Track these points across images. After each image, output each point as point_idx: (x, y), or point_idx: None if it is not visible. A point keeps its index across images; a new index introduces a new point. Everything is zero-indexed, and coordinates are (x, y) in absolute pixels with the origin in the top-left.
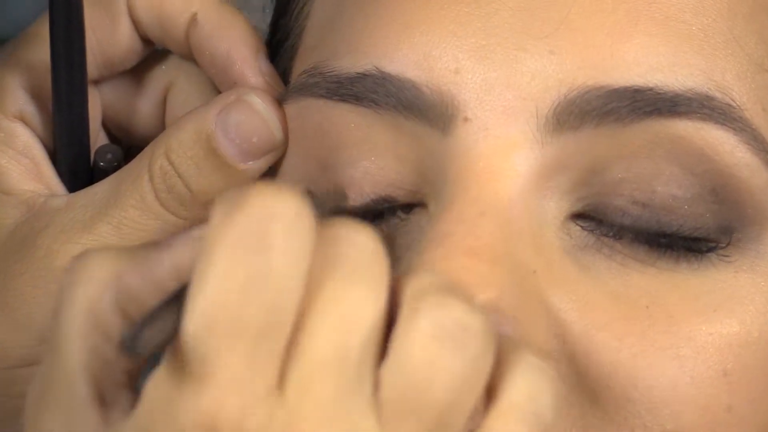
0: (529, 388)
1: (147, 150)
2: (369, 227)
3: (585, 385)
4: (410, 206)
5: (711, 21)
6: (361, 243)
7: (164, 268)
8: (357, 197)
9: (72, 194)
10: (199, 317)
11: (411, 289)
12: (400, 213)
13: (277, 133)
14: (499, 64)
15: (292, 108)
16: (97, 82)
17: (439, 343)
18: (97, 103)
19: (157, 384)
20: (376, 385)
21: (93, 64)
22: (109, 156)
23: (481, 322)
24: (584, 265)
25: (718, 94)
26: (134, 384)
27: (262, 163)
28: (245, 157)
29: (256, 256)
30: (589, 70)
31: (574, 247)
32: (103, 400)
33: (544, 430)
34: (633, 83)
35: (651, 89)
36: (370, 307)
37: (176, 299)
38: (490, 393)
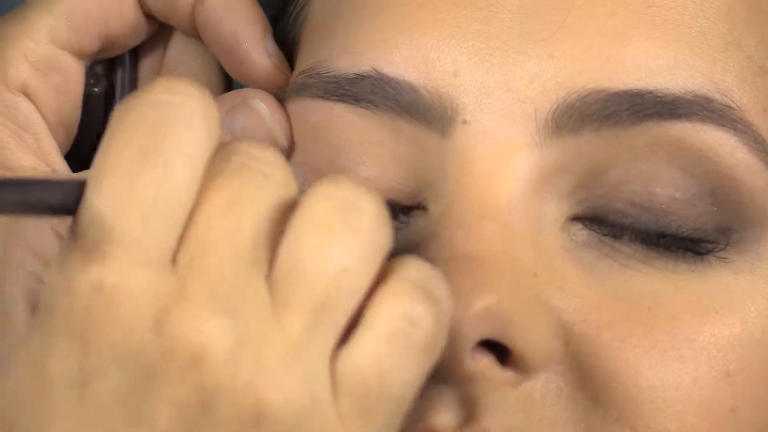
0: (418, 269)
1: None
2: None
3: (588, 386)
4: (409, 209)
5: (710, 23)
6: (251, 150)
7: None
8: None
9: (75, 174)
10: (96, 190)
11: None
12: (400, 216)
13: (281, 139)
14: (498, 67)
15: (290, 107)
16: (96, 59)
17: (331, 218)
18: (80, 79)
19: (56, 265)
20: (273, 260)
21: (94, 41)
22: (90, 81)
23: (374, 204)
24: (585, 267)
25: (718, 96)
26: None
27: None
28: None
29: (155, 133)
30: (589, 73)
31: (574, 249)
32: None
33: (437, 304)
34: (633, 87)
35: (651, 92)
36: (263, 194)
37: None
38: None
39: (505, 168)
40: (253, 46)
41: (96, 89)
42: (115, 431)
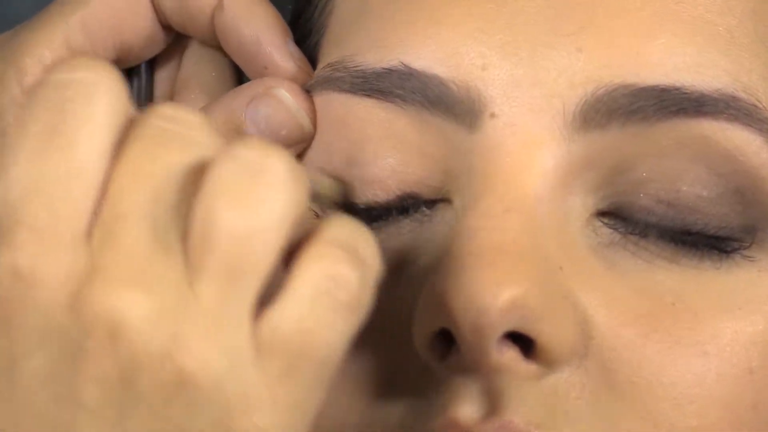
0: (342, 229)
1: None
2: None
3: (611, 381)
4: (433, 202)
5: (737, 21)
6: (171, 113)
7: None
8: (382, 194)
9: None
10: (6, 181)
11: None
12: (423, 208)
13: (306, 125)
14: (526, 61)
15: (315, 100)
16: None
17: (237, 176)
18: None
19: None
20: (186, 227)
21: (110, 51)
22: None
23: (285, 161)
24: (610, 262)
25: (743, 95)
26: None
27: (291, 153)
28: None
29: (58, 112)
30: (616, 68)
31: (599, 244)
32: None
33: (363, 265)
34: (659, 82)
35: (677, 89)
36: (175, 157)
37: None
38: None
39: (532, 162)
40: (275, 50)
41: None
42: (45, 411)
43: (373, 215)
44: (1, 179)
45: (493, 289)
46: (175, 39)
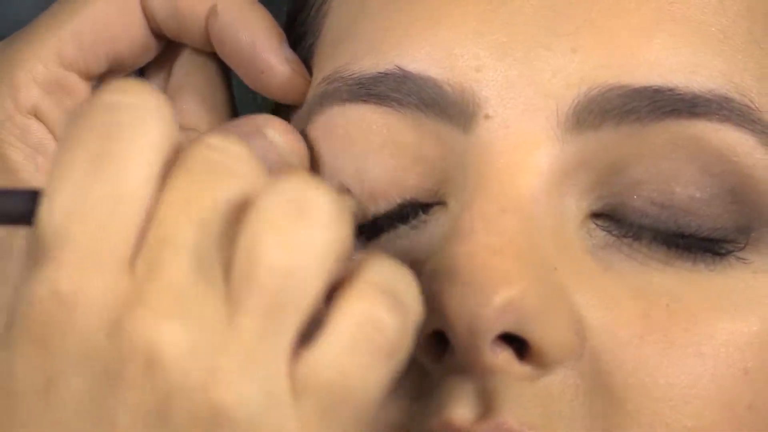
0: (384, 271)
1: None
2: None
3: (606, 382)
4: (430, 205)
5: (731, 22)
6: (217, 143)
7: None
8: (384, 203)
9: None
10: (51, 198)
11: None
12: (421, 213)
13: (294, 164)
14: (520, 62)
15: (316, 119)
16: (102, 79)
17: (284, 213)
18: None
19: (18, 274)
20: (228, 261)
21: (102, 61)
22: None
23: (330, 200)
24: (605, 264)
25: (737, 96)
26: None
27: None
28: None
29: (107, 136)
30: (611, 68)
31: (594, 245)
32: None
33: (403, 310)
34: (653, 83)
35: (671, 90)
36: (222, 189)
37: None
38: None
39: (526, 162)
40: (271, 54)
41: None
42: None
43: (378, 226)
44: (48, 199)
45: (488, 291)
46: (166, 47)
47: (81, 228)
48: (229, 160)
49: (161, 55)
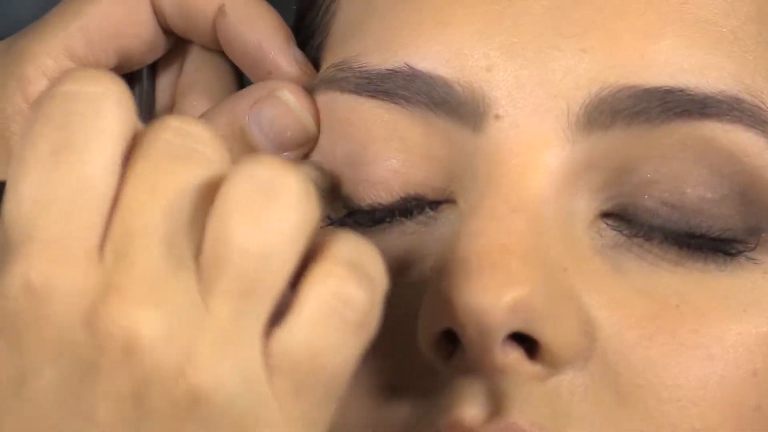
0: (350, 246)
1: None
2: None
3: (614, 383)
4: (438, 203)
5: (741, 23)
6: (182, 126)
7: None
8: (386, 195)
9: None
10: (14, 192)
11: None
12: (428, 210)
13: (311, 127)
14: (530, 62)
15: (318, 99)
16: None
17: (250, 197)
18: None
19: None
20: (199, 244)
21: (111, 57)
22: None
23: (297, 181)
24: (615, 264)
25: (747, 97)
26: None
27: (297, 154)
28: (279, 150)
29: (65, 126)
30: (621, 69)
31: (604, 245)
32: None
33: (370, 283)
34: (663, 84)
35: (681, 90)
36: (187, 173)
37: None
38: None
39: (537, 162)
40: (279, 55)
41: None
42: (56, 427)
43: (376, 217)
44: (12, 194)
45: (498, 290)
46: (176, 43)
47: (46, 219)
48: (192, 142)
49: (172, 51)
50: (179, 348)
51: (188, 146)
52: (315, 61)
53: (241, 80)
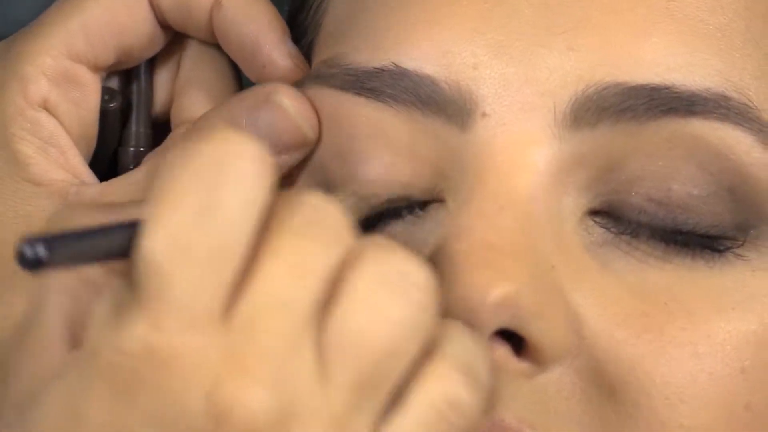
0: (463, 344)
1: (177, 141)
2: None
3: (603, 381)
4: (426, 202)
5: (728, 20)
6: (318, 203)
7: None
8: (372, 197)
9: (104, 183)
10: (152, 239)
11: (365, 245)
12: (417, 209)
13: (309, 132)
14: (517, 60)
15: (306, 94)
16: (111, 72)
17: (379, 289)
18: (97, 92)
19: (104, 308)
20: (321, 331)
21: (110, 54)
22: (105, 97)
23: (424, 275)
24: (603, 261)
25: (734, 94)
26: None
27: (295, 157)
28: (277, 152)
29: (212, 187)
30: (608, 67)
31: (592, 243)
32: (78, 343)
33: (479, 389)
34: (650, 81)
35: (668, 88)
36: (323, 260)
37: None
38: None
39: (524, 160)
40: (274, 49)
41: (111, 105)
42: None
43: (364, 216)
44: (150, 240)
45: (485, 287)
46: (174, 38)
47: (180, 275)
48: (330, 222)
49: (170, 47)
50: None
51: (325, 225)
52: (308, 59)
53: (238, 76)
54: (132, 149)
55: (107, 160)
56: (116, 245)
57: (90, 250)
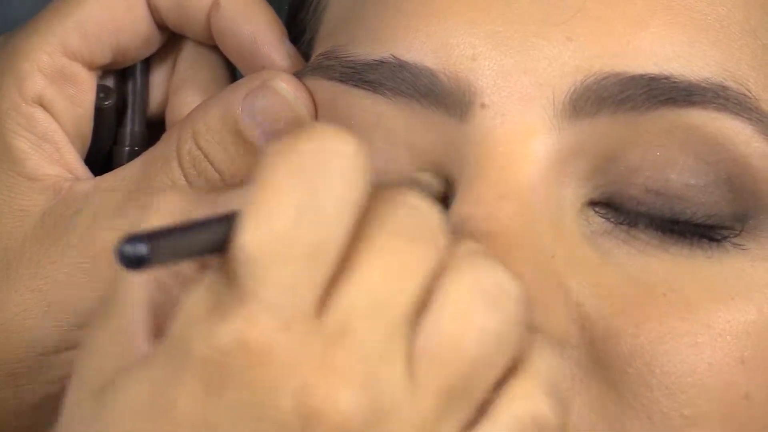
0: (549, 360)
1: (172, 133)
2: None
3: (602, 371)
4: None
5: (727, 11)
6: (416, 203)
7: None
8: None
9: (98, 178)
10: (252, 235)
11: (458, 250)
12: None
13: (304, 116)
14: (516, 50)
15: (305, 82)
16: (106, 70)
17: (475, 300)
18: (92, 90)
19: (196, 301)
20: (413, 335)
21: (106, 52)
22: (101, 95)
23: (518, 289)
24: (603, 251)
25: (733, 85)
26: None
27: None
28: (273, 137)
29: (313, 184)
30: (606, 57)
31: (592, 233)
32: (160, 332)
33: (562, 409)
34: (649, 71)
35: (666, 78)
36: (421, 264)
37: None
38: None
39: (523, 150)
40: (272, 49)
41: (106, 102)
42: None
43: None
44: (249, 233)
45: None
46: (170, 39)
47: (278, 273)
48: (428, 224)
49: (166, 47)
50: None
51: (426, 228)
52: (306, 57)
53: (234, 76)
54: (127, 148)
55: (102, 159)
56: (212, 240)
57: (188, 246)
